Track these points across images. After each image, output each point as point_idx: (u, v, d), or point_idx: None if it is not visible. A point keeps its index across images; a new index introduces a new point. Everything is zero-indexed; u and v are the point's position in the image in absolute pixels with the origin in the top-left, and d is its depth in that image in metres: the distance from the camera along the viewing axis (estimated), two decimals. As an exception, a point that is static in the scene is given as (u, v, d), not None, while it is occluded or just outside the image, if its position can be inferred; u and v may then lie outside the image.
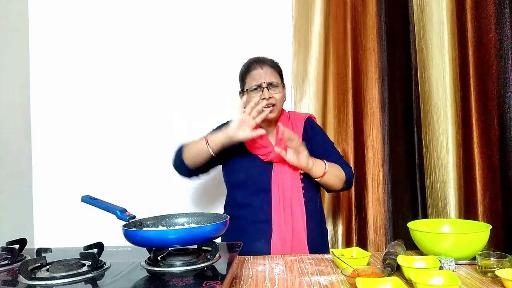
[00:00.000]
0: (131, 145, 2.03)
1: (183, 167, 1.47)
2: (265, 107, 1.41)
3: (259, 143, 1.47)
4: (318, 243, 1.48)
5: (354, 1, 1.92)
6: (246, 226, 1.44)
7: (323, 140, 1.58)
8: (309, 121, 1.60)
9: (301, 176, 1.47)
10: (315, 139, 1.55)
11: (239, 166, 1.49)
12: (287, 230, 1.40)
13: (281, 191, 1.43)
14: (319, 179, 1.45)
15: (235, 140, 1.36)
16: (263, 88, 1.44)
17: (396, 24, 1.92)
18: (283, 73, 1.57)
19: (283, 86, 1.52)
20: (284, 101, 1.55)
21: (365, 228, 1.88)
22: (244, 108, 1.43)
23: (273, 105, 1.45)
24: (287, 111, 1.62)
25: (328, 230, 1.89)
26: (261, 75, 1.46)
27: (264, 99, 1.42)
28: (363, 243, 1.86)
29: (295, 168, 1.45)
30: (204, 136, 1.42)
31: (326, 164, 1.45)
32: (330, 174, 1.45)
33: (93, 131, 2.04)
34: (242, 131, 1.35)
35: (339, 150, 1.62)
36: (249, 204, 1.46)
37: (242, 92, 1.53)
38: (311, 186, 1.50)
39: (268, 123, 1.50)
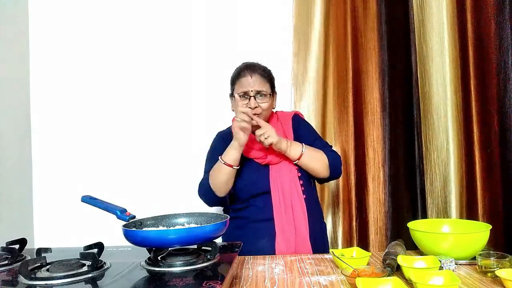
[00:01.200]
0: (131, 145, 2.03)
1: (214, 199, 1.49)
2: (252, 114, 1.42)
3: (252, 147, 1.48)
4: (318, 239, 1.48)
5: (354, 1, 1.93)
6: (248, 225, 1.44)
7: (308, 132, 1.59)
8: (296, 118, 1.61)
9: (299, 174, 1.47)
10: (302, 133, 1.56)
11: (237, 173, 1.48)
12: (290, 230, 1.41)
13: (280, 192, 1.44)
14: (298, 161, 1.45)
15: (243, 144, 1.41)
16: (250, 96, 1.44)
17: (396, 24, 1.92)
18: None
19: (272, 95, 1.53)
20: (274, 108, 1.56)
21: (365, 228, 1.88)
22: (232, 110, 1.51)
23: (259, 114, 1.45)
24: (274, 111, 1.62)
25: (328, 230, 1.90)
26: (250, 83, 1.46)
27: (250, 108, 1.43)
28: (363, 243, 1.86)
29: (292, 167, 1.46)
30: (219, 160, 1.43)
31: (304, 146, 1.45)
32: (308, 155, 1.45)
33: (93, 131, 2.04)
34: (245, 135, 1.40)
35: (338, 149, 1.62)
36: (250, 205, 1.46)
37: (231, 96, 1.54)
38: (309, 183, 1.51)
39: (257, 128, 1.49)
